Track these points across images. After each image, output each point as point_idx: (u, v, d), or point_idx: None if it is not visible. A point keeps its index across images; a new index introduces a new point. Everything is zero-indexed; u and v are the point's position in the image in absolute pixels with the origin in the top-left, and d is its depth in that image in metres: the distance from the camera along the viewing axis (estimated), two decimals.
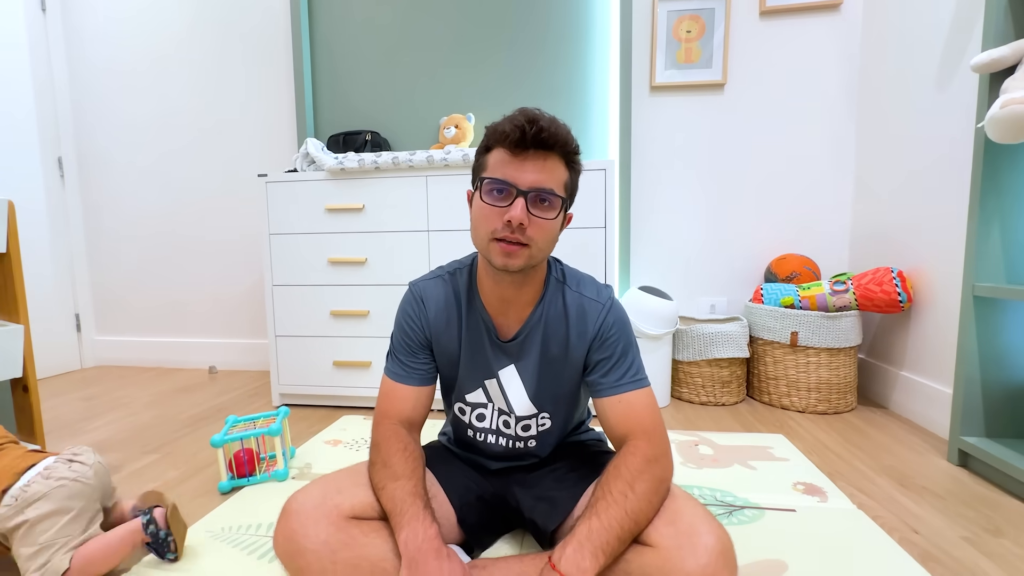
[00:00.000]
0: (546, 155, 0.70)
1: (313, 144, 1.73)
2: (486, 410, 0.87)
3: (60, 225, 2.33)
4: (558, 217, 0.73)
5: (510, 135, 0.69)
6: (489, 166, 0.73)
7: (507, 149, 0.70)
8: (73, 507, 0.82)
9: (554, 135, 0.69)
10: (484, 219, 0.72)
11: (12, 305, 1.16)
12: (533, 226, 0.70)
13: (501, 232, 0.70)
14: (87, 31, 2.29)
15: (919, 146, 1.55)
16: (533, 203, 0.70)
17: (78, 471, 0.86)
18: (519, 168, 0.69)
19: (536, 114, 0.69)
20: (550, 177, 0.70)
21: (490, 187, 0.71)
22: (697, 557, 0.62)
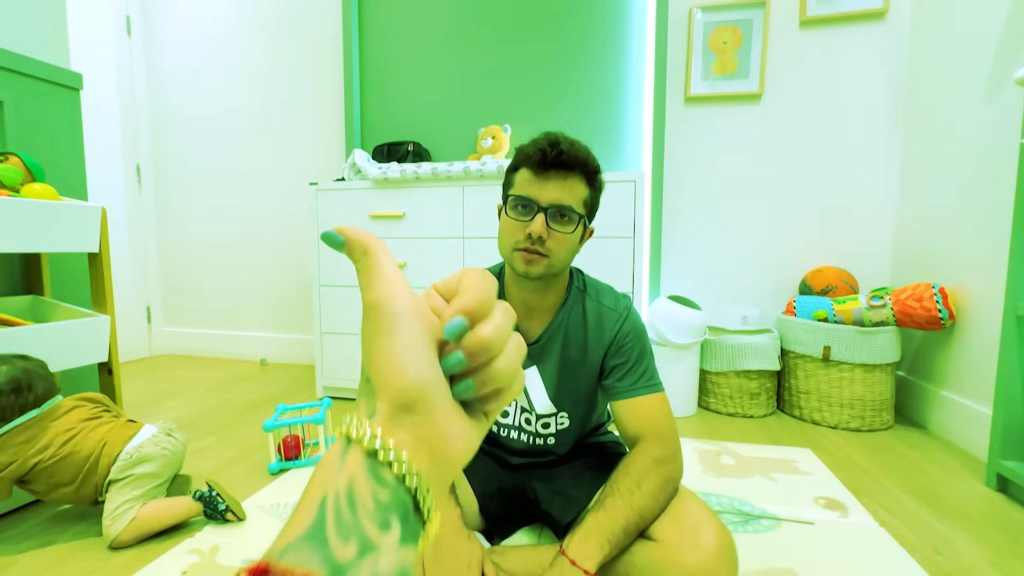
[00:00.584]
0: (566, 175, 0.76)
1: (360, 155, 1.86)
2: (509, 407, 0.94)
3: (136, 227, 2.58)
4: (576, 231, 0.79)
5: (533, 156, 0.76)
6: (515, 184, 0.80)
7: (531, 169, 0.78)
8: (164, 474, 1.02)
9: (573, 157, 0.75)
10: (509, 232, 0.79)
11: (101, 298, 1.32)
12: (552, 239, 0.77)
13: (523, 243, 0.77)
14: (165, 53, 2.54)
15: (966, 160, 1.50)
16: (553, 218, 0.76)
17: (174, 445, 1.06)
18: (541, 187, 0.77)
19: (558, 138, 0.76)
20: (569, 195, 0.77)
21: (515, 203, 0.79)
22: (698, 553, 0.67)
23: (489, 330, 0.22)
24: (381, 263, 0.23)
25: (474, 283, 0.23)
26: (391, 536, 0.18)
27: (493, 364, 0.22)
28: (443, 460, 0.21)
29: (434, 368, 0.21)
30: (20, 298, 1.30)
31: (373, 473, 0.19)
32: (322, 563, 0.17)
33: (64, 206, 1.18)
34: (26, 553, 0.95)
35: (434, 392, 0.21)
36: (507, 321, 0.23)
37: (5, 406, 0.94)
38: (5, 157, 1.18)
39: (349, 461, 0.19)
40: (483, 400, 0.23)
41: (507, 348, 0.23)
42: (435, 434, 0.21)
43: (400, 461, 0.20)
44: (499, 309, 0.23)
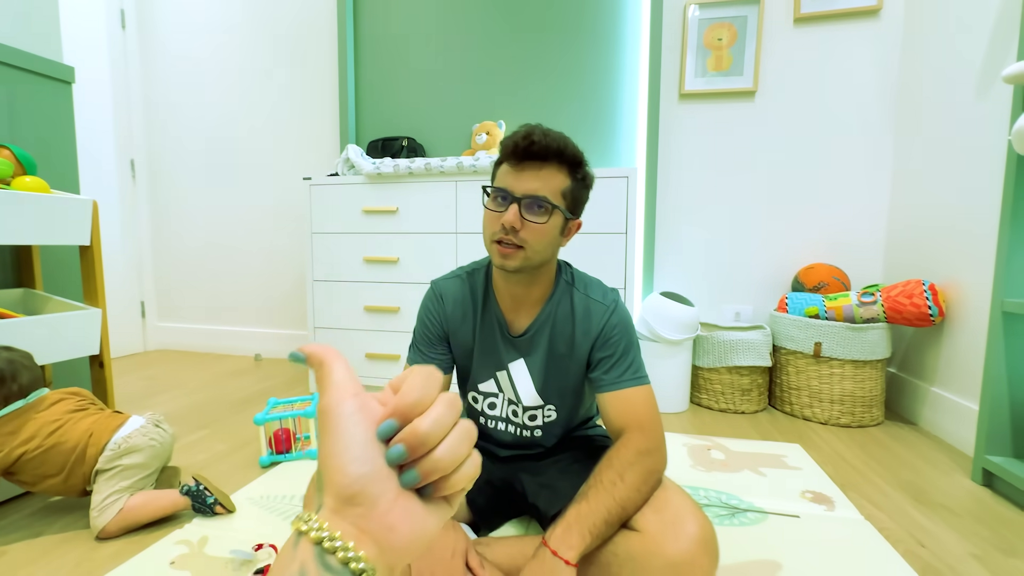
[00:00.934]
0: (541, 165, 0.77)
1: (353, 150, 1.85)
2: (497, 399, 0.94)
3: (130, 221, 2.58)
4: (549, 222, 0.78)
5: (509, 149, 0.77)
6: (496, 177, 0.81)
7: (508, 162, 0.78)
8: (152, 465, 1.02)
9: (546, 147, 0.75)
10: (488, 223, 0.80)
11: (92, 292, 1.32)
12: (526, 230, 0.77)
13: (499, 235, 0.77)
14: (159, 47, 2.53)
15: (957, 156, 1.51)
16: (527, 209, 0.77)
17: (163, 436, 1.06)
18: (516, 178, 0.77)
19: (532, 129, 0.76)
20: (544, 185, 0.77)
21: (492, 195, 0.80)
22: (679, 543, 0.67)
23: (425, 425, 0.24)
24: (332, 372, 0.26)
25: (414, 382, 0.25)
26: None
27: (433, 454, 0.24)
28: (388, 546, 0.23)
29: (375, 463, 0.23)
30: (12, 291, 1.30)
31: (321, 560, 0.21)
32: None
33: (55, 199, 1.18)
34: (15, 544, 0.96)
35: (374, 485, 0.23)
36: (446, 414, 0.25)
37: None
38: None
39: (299, 551, 0.22)
40: (437, 487, 0.25)
41: (449, 438, 0.24)
42: (377, 523, 0.23)
43: (345, 549, 0.22)
44: (440, 403, 0.25)
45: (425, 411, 0.24)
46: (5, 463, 0.92)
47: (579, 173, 0.81)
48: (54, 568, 0.89)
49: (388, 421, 0.24)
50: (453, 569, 0.72)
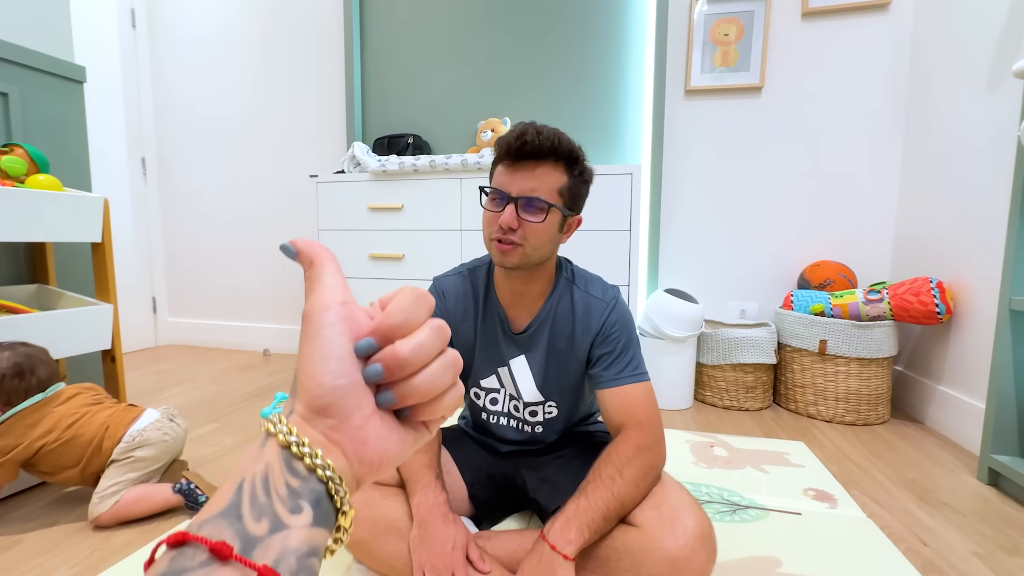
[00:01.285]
0: (536, 164, 0.77)
1: (359, 147, 1.87)
2: (498, 395, 0.95)
3: (142, 218, 2.62)
4: (547, 220, 0.78)
5: (502, 149, 0.78)
6: (493, 177, 0.82)
7: (504, 162, 0.79)
8: (162, 459, 1.06)
9: (539, 146, 0.75)
10: (486, 224, 0.81)
11: (104, 287, 1.35)
12: (523, 228, 0.77)
13: (497, 234, 0.78)
14: (169, 46, 2.56)
15: (967, 152, 1.49)
16: (523, 208, 0.77)
17: (175, 431, 1.09)
18: (511, 177, 0.78)
19: (526, 128, 0.76)
20: (540, 184, 0.77)
21: (490, 195, 0.81)
22: (676, 538, 0.68)
23: (406, 349, 0.23)
24: (323, 274, 0.25)
25: (401, 302, 0.24)
26: (302, 518, 0.20)
27: (413, 379, 0.23)
28: (357, 460, 0.23)
29: (351, 377, 0.23)
30: (26, 287, 1.33)
31: (287, 464, 0.21)
32: (235, 535, 0.19)
33: (67, 196, 1.21)
34: (31, 532, 0.99)
35: (348, 399, 0.22)
36: (431, 340, 0.24)
37: (10, 390, 0.97)
38: (10, 148, 1.21)
39: (266, 452, 0.21)
40: (415, 411, 0.25)
41: (431, 366, 0.24)
42: (347, 437, 0.22)
43: (313, 455, 0.21)
44: (426, 328, 0.24)
45: (409, 334, 0.24)
46: (25, 455, 0.95)
47: (576, 169, 0.81)
48: (68, 556, 0.91)
49: (366, 339, 0.23)
50: (454, 561, 0.73)
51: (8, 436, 0.95)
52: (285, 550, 0.19)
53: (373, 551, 0.79)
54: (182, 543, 0.18)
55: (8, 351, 0.99)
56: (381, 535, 0.78)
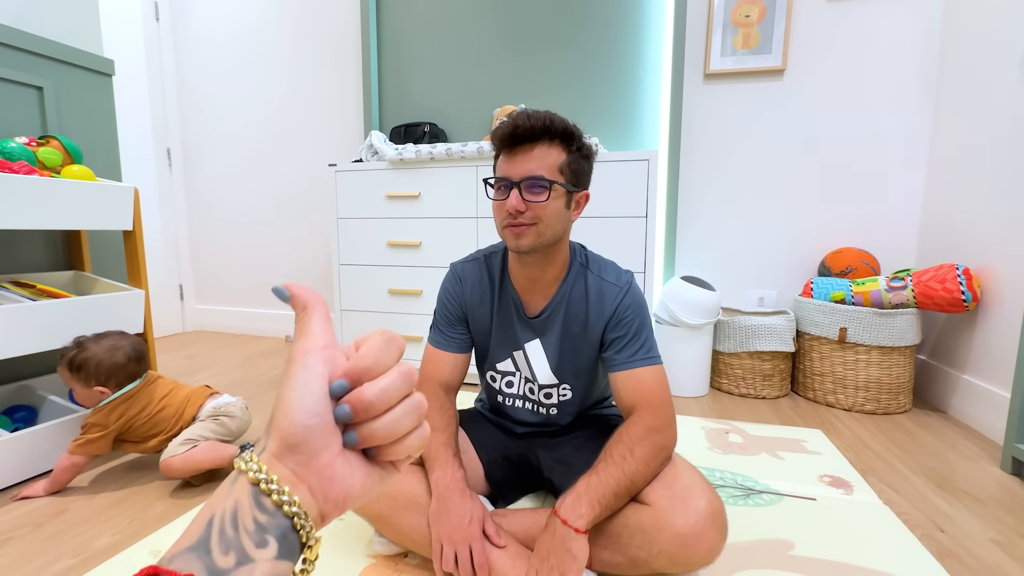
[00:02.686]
0: (532, 146, 0.79)
1: (376, 136, 1.89)
2: (514, 378, 0.97)
3: (168, 208, 2.70)
4: (552, 198, 0.79)
5: (498, 139, 0.80)
6: (496, 169, 0.84)
7: (502, 151, 0.82)
8: (235, 434, 1.19)
9: (531, 128, 0.77)
10: (496, 212, 0.83)
11: (136, 274, 1.41)
12: (531, 209, 0.79)
13: (508, 220, 0.80)
14: (191, 38, 2.61)
15: (998, 136, 1.44)
16: (527, 190, 0.79)
17: (247, 416, 1.24)
18: (511, 163, 0.80)
19: (517, 115, 0.78)
20: (540, 164, 0.78)
21: (495, 185, 0.83)
22: (687, 516, 0.69)
23: (371, 393, 0.24)
24: (312, 319, 0.26)
25: (371, 347, 0.26)
26: (267, 552, 0.22)
27: (375, 422, 0.25)
28: (323, 496, 0.24)
29: (323, 417, 0.24)
30: (63, 273, 1.40)
31: (255, 500, 0.22)
32: (203, 568, 0.20)
33: (100, 186, 1.26)
34: (75, 503, 1.05)
35: (318, 438, 0.24)
36: (396, 385, 0.25)
37: (129, 373, 1.11)
38: (46, 140, 1.26)
39: (236, 488, 0.23)
40: (380, 451, 0.26)
41: (395, 410, 0.25)
42: (314, 474, 0.24)
43: (280, 492, 0.23)
44: (394, 372, 0.25)
45: (377, 377, 0.25)
46: (121, 429, 1.09)
47: (573, 145, 0.81)
48: (109, 525, 0.97)
49: (339, 380, 0.25)
50: (471, 535, 0.76)
51: (113, 413, 1.08)
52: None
53: (393, 524, 0.82)
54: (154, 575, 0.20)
55: (126, 340, 1.13)
56: (401, 509, 0.82)
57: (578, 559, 0.68)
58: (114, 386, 1.10)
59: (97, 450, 1.07)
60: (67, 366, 1.07)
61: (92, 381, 1.07)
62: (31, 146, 1.21)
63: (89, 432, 1.06)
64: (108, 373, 1.08)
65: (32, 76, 1.32)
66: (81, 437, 1.06)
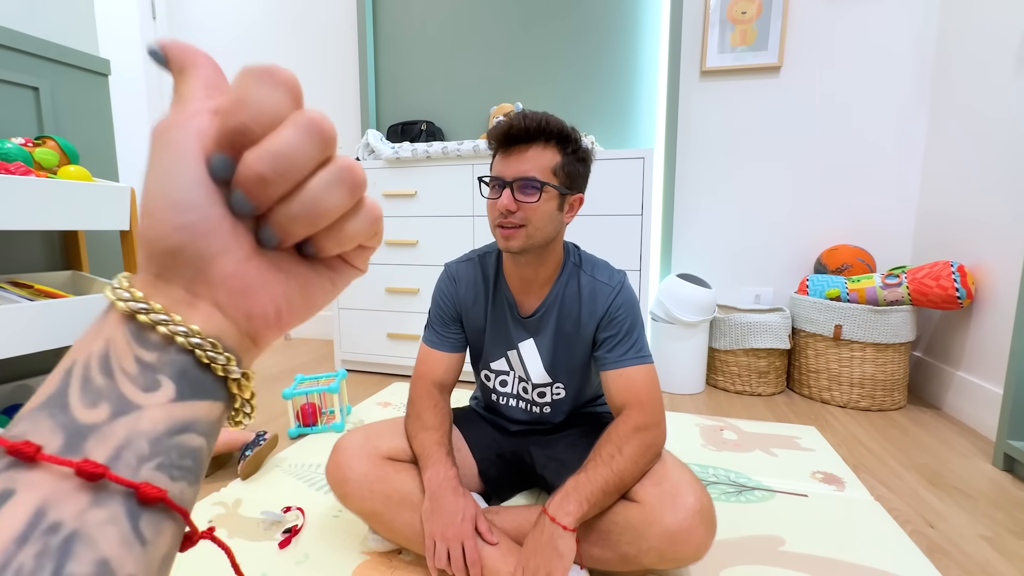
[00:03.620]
0: (526, 147, 0.79)
1: (373, 135, 1.89)
2: (508, 377, 0.98)
3: None
4: (544, 199, 0.80)
5: (493, 138, 0.81)
6: (491, 168, 0.84)
7: (498, 151, 0.82)
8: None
9: (526, 128, 0.77)
10: (489, 211, 0.84)
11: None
12: (522, 210, 0.79)
13: (499, 219, 0.80)
14: (189, 36, 2.61)
15: (994, 133, 1.44)
16: (519, 191, 0.79)
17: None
18: (505, 163, 0.80)
19: (514, 115, 0.79)
20: (533, 166, 0.79)
21: (489, 184, 0.83)
22: (676, 513, 0.70)
23: (257, 160, 0.16)
24: (188, 81, 0.18)
25: (241, 91, 0.17)
26: (160, 395, 0.16)
27: (286, 203, 0.18)
28: (243, 316, 0.18)
29: (204, 210, 0.17)
30: (61, 273, 1.41)
31: (135, 337, 0.17)
32: (56, 427, 0.15)
33: (96, 186, 1.26)
34: None
35: (204, 240, 0.17)
36: (297, 141, 0.17)
37: None
38: (42, 141, 1.27)
39: (106, 326, 0.17)
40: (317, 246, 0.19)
41: (311, 181, 0.17)
42: (218, 289, 0.18)
43: (169, 322, 0.17)
44: (289, 125, 0.17)
45: (263, 136, 0.17)
46: None
47: (569, 147, 0.81)
48: None
49: (217, 154, 0.17)
50: (463, 532, 0.77)
51: None
52: (132, 434, 0.16)
53: (387, 522, 0.83)
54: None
55: None
56: (394, 507, 0.83)
57: (565, 556, 0.69)
58: None
59: None
60: None
61: None
62: (27, 147, 1.21)
63: None
64: None
65: (28, 77, 1.33)
66: None
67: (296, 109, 0.17)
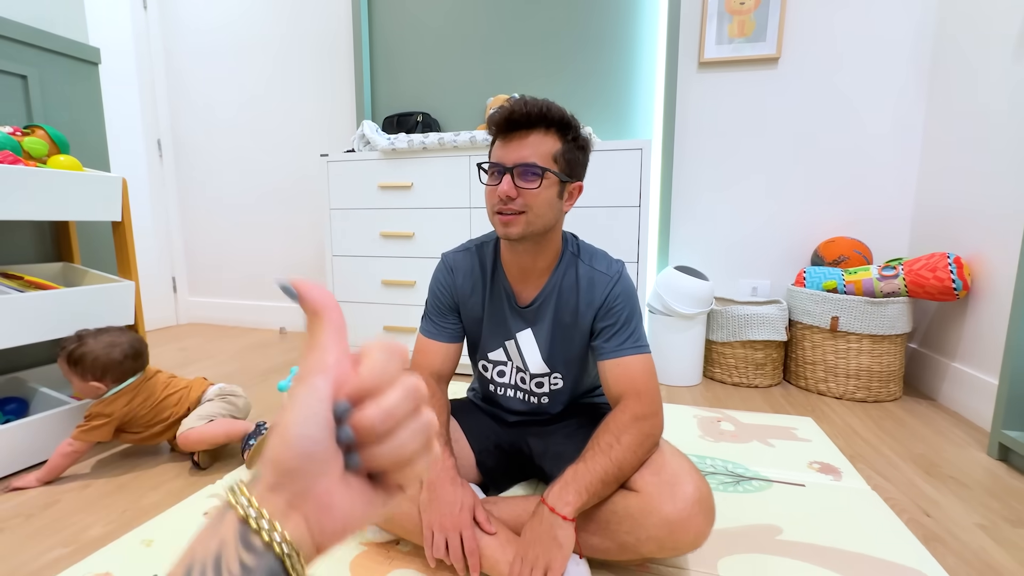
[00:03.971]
0: (527, 133, 0.78)
1: (369, 126, 1.87)
2: (506, 367, 0.98)
3: (159, 199, 2.67)
4: (544, 186, 0.79)
5: (493, 124, 0.80)
6: (490, 154, 0.83)
7: (497, 137, 0.81)
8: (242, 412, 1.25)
9: (527, 114, 0.76)
10: (487, 198, 0.83)
11: (126, 265, 1.40)
12: (522, 196, 0.78)
13: (498, 206, 0.79)
14: (181, 26, 2.57)
15: (992, 125, 1.44)
16: (519, 177, 0.78)
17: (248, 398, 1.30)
18: (505, 149, 0.79)
19: (513, 101, 0.78)
20: (533, 152, 0.78)
21: (488, 170, 0.82)
22: (675, 502, 0.70)
23: (374, 414, 0.22)
24: (324, 331, 0.24)
25: (373, 363, 0.23)
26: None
27: (380, 444, 0.23)
28: (319, 529, 0.22)
29: (324, 443, 0.22)
30: (52, 265, 1.39)
31: (242, 539, 0.20)
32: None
33: (87, 176, 1.24)
34: (67, 494, 1.05)
35: (317, 464, 0.22)
36: (402, 402, 0.23)
37: (125, 369, 1.13)
38: (31, 130, 1.25)
39: (223, 527, 0.21)
40: (385, 474, 0.24)
41: (400, 431, 0.23)
42: (312, 504, 0.22)
43: (272, 529, 0.21)
44: (398, 389, 0.23)
45: (381, 396, 0.23)
46: (124, 419, 1.11)
47: (569, 134, 0.80)
48: (101, 515, 0.98)
49: (341, 401, 0.23)
50: (461, 522, 0.77)
51: (116, 403, 1.10)
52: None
53: None
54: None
55: (125, 337, 1.15)
56: None
57: (564, 546, 0.69)
58: (110, 382, 1.11)
59: (99, 437, 1.10)
60: (66, 359, 1.08)
61: (88, 376, 1.09)
62: (16, 136, 1.19)
63: (93, 420, 1.08)
64: (104, 369, 1.09)
65: (16, 64, 1.30)
66: (85, 424, 1.08)
67: (403, 372, 0.24)
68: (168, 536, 0.91)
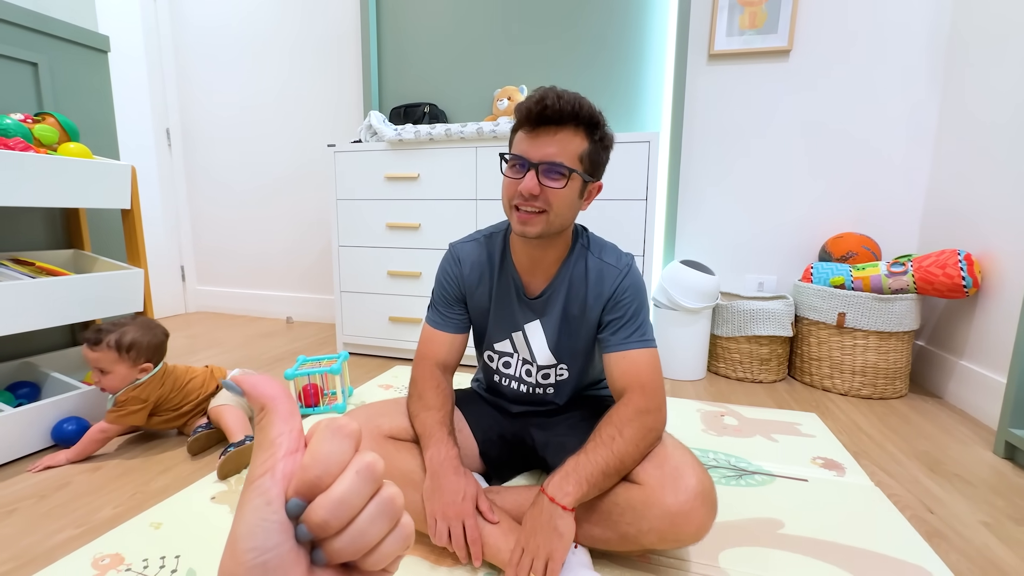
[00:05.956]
0: (556, 129, 0.76)
1: (375, 116, 1.87)
2: (511, 359, 0.98)
3: (168, 189, 2.69)
4: (568, 187, 0.78)
5: (523, 114, 0.77)
6: (513, 144, 0.81)
7: (524, 128, 0.78)
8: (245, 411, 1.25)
9: (560, 111, 0.74)
10: (506, 190, 0.81)
11: (134, 253, 1.41)
12: (545, 195, 0.77)
13: (517, 200, 0.78)
14: (190, 16, 2.57)
15: (1007, 120, 1.41)
16: (544, 174, 0.77)
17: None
18: (532, 143, 0.77)
19: (546, 93, 0.75)
20: (561, 151, 0.76)
21: (510, 162, 0.80)
22: (677, 495, 0.70)
23: (324, 509, 0.20)
24: (271, 424, 0.22)
25: (315, 451, 0.21)
26: None
27: (337, 539, 0.21)
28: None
29: (278, 549, 0.20)
30: (63, 251, 1.40)
31: None
32: None
33: (96, 164, 1.25)
34: (77, 476, 1.07)
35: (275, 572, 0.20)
36: (355, 488, 0.21)
37: (162, 353, 1.20)
38: (42, 117, 1.25)
39: None
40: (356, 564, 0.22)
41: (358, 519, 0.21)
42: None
43: None
44: (348, 474, 0.21)
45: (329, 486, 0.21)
46: (156, 403, 1.17)
47: (597, 134, 0.79)
48: (111, 498, 0.99)
49: (293, 500, 0.21)
50: (464, 511, 0.77)
51: (147, 389, 1.16)
52: None
53: None
54: None
55: (151, 321, 1.21)
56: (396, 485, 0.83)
57: (564, 536, 0.69)
58: (156, 362, 1.19)
59: (135, 422, 1.14)
60: (114, 347, 1.11)
61: (142, 358, 1.15)
62: (27, 123, 1.20)
63: (130, 404, 1.13)
64: (154, 350, 1.18)
65: (27, 52, 1.31)
66: (121, 409, 1.13)
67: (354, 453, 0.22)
68: (176, 519, 0.92)
